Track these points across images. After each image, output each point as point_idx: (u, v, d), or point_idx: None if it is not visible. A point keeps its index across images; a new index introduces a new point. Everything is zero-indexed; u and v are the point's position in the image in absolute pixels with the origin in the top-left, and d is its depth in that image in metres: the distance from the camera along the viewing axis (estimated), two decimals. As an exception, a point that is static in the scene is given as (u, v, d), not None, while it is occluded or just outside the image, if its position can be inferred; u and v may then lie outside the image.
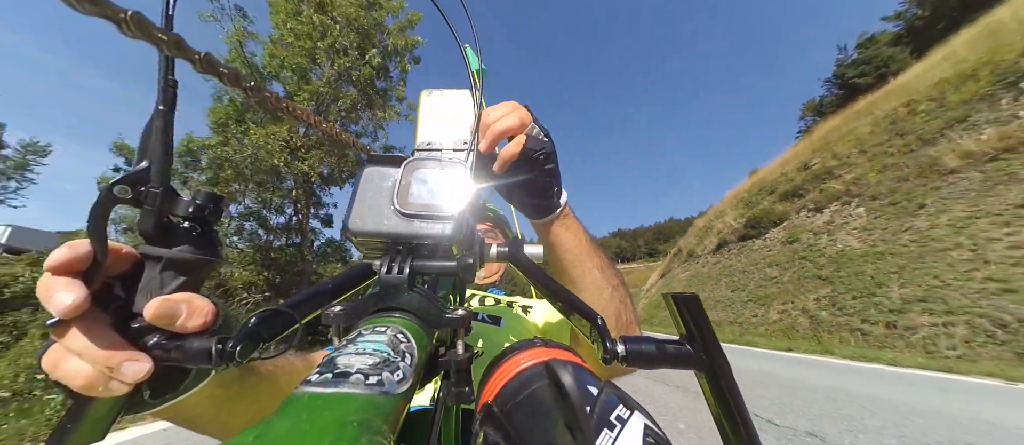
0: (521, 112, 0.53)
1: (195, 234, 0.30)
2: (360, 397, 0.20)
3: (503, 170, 0.53)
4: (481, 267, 0.42)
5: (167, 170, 0.28)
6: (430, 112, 0.50)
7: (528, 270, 0.47)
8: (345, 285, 0.41)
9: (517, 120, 0.52)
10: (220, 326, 0.30)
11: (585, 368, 0.36)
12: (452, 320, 0.31)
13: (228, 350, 0.27)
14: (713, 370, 0.30)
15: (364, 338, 0.25)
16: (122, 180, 0.26)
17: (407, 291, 0.31)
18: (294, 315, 0.33)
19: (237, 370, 0.41)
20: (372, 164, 0.37)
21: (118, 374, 0.25)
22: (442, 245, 0.34)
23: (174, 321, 0.27)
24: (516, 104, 0.54)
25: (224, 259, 0.33)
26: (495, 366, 0.36)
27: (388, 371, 0.22)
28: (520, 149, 0.52)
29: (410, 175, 0.35)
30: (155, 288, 0.29)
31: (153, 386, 0.29)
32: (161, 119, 0.28)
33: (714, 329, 0.31)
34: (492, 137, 0.51)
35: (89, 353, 0.24)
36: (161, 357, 0.27)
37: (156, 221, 0.29)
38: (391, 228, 0.33)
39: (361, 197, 0.35)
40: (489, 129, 0.51)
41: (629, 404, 0.30)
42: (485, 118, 0.51)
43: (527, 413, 0.30)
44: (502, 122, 0.51)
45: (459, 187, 0.35)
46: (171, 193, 0.29)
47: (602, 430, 0.27)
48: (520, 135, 0.52)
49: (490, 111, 0.52)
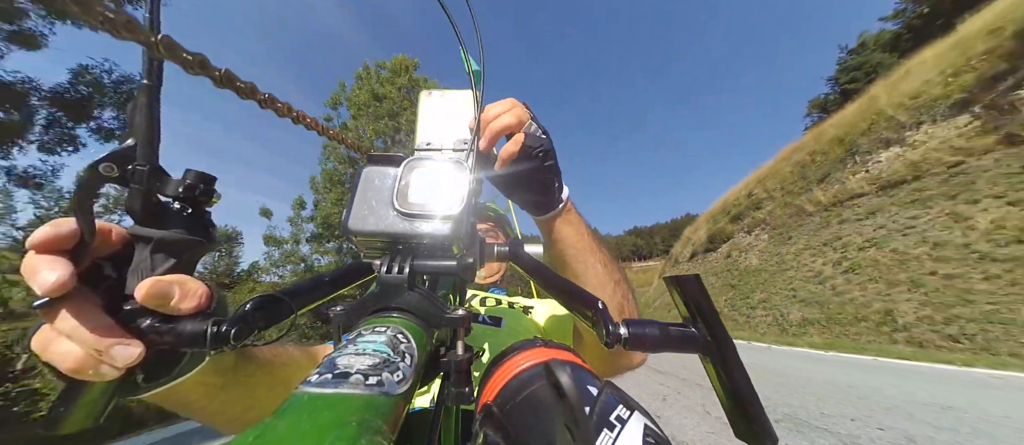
0: (519, 110, 0.54)
1: (186, 215, 0.30)
2: (360, 397, 0.20)
3: (503, 167, 0.53)
4: (481, 267, 0.42)
5: (155, 147, 0.27)
6: (430, 112, 0.50)
7: (529, 268, 0.47)
8: (343, 280, 0.41)
9: (515, 118, 0.52)
10: (215, 309, 0.30)
11: (585, 368, 0.36)
12: (452, 320, 0.31)
13: (223, 332, 0.26)
14: (718, 353, 0.29)
15: (364, 338, 0.25)
16: (108, 157, 0.25)
17: (407, 291, 0.31)
18: (291, 304, 0.33)
19: (232, 357, 0.40)
20: (372, 164, 0.37)
21: (107, 358, 0.24)
22: (442, 245, 0.34)
23: (167, 302, 0.26)
24: (514, 102, 0.55)
25: (217, 242, 0.32)
26: (495, 366, 0.36)
27: (388, 371, 0.22)
28: (519, 147, 0.52)
29: (410, 175, 0.35)
30: (146, 270, 0.28)
31: (147, 370, 0.28)
32: (145, 94, 0.26)
33: (717, 311, 0.30)
34: (491, 135, 0.51)
35: (78, 335, 0.24)
36: (154, 340, 0.26)
37: (144, 200, 0.28)
38: (391, 228, 0.33)
39: (361, 197, 0.35)
40: (488, 127, 0.51)
41: (629, 404, 0.30)
42: (484, 116, 0.52)
43: (527, 413, 0.30)
44: (500, 120, 0.52)
45: (459, 187, 0.34)
46: (159, 172, 0.28)
47: (602, 430, 0.27)
48: (518, 133, 0.53)
49: (489, 109, 0.53)
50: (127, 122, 0.27)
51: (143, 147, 0.27)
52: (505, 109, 0.53)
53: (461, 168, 0.36)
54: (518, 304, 0.96)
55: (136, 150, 0.26)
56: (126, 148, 0.26)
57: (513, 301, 0.98)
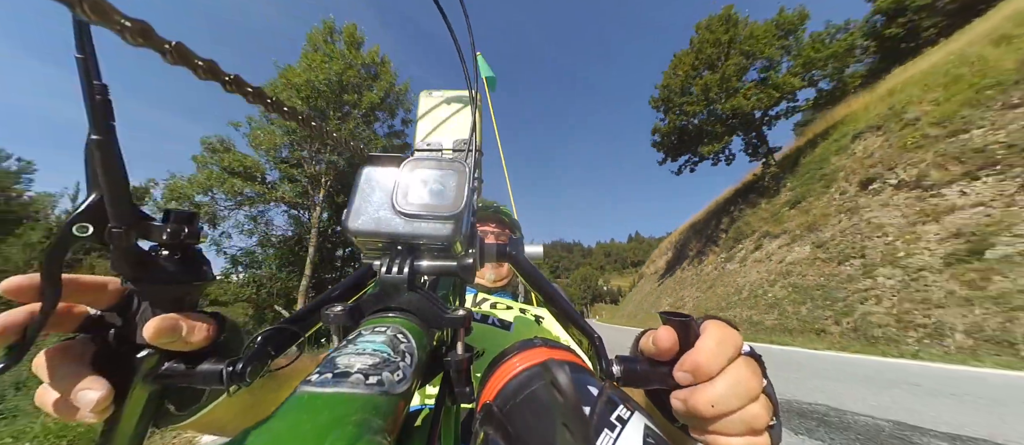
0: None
1: (177, 258, 0.28)
2: (360, 397, 0.20)
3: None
4: (481, 267, 0.42)
5: (125, 202, 0.24)
6: (430, 112, 0.50)
7: (527, 273, 0.47)
8: (350, 291, 0.41)
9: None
10: (225, 338, 0.31)
11: (585, 369, 0.36)
12: (452, 320, 0.31)
13: (239, 371, 0.27)
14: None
15: (364, 338, 0.25)
16: (79, 217, 0.23)
17: (407, 291, 0.31)
18: (298, 330, 0.33)
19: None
20: (371, 164, 0.37)
21: (76, 400, 0.25)
22: (442, 245, 0.34)
23: (177, 337, 0.27)
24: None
25: (213, 278, 0.32)
26: (495, 366, 0.36)
27: (388, 371, 0.22)
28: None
29: (410, 175, 0.35)
30: (148, 319, 0.28)
31: (177, 401, 0.30)
32: (100, 150, 0.23)
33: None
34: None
35: (54, 384, 0.26)
36: (174, 382, 0.28)
37: (127, 259, 0.26)
38: (391, 228, 0.33)
39: (361, 197, 0.35)
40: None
41: (630, 404, 0.30)
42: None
43: (527, 413, 0.30)
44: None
45: (459, 187, 0.34)
46: (139, 223, 0.26)
47: (602, 430, 0.27)
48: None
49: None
50: (88, 175, 0.24)
51: (113, 206, 0.24)
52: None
53: (461, 168, 0.35)
54: (529, 311, 0.94)
55: (106, 207, 0.24)
56: (94, 203, 0.24)
57: (524, 308, 0.97)
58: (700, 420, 0.28)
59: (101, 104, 0.22)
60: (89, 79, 0.22)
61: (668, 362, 0.31)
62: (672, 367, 0.30)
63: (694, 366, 0.28)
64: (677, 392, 0.29)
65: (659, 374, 0.31)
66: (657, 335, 0.30)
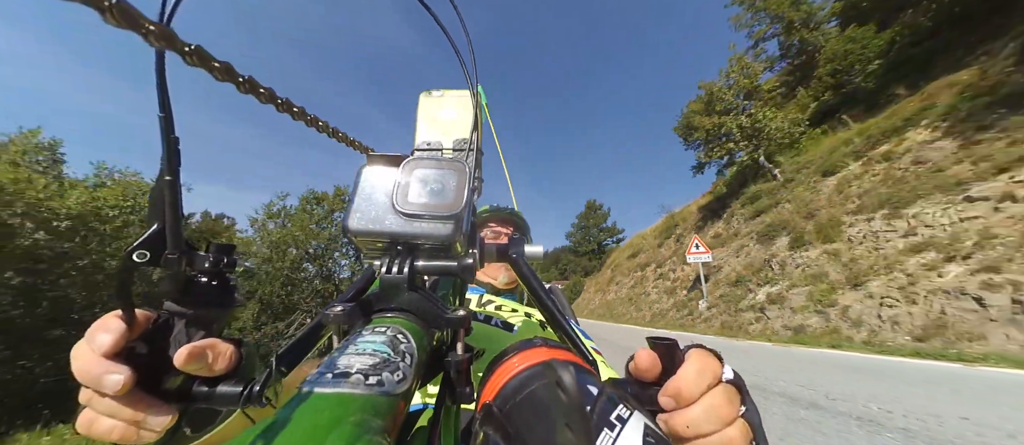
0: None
1: (214, 285, 0.32)
2: (360, 397, 0.20)
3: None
4: (482, 267, 0.42)
5: (180, 233, 0.29)
6: (429, 112, 0.50)
7: (525, 276, 0.47)
8: (353, 297, 0.41)
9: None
10: (243, 363, 0.32)
11: (585, 368, 0.36)
12: (452, 320, 0.31)
13: (255, 394, 0.28)
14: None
15: (364, 338, 0.25)
16: (140, 244, 0.28)
17: (407, 291, 0.31)
18: (307, 344, 0.36)
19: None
20: (371, 164, 0.37)
21: (146, 426, 0.28)
22: (442, 245, 0.34)
23: (204, 364, 0.29)
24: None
25: (242, 304, 0.35)
26: (495, 366, 0.36)
27: (388, 371, 0.22)
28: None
29: (409, 175, 0.35)
30: (183, 340, 0.30)
31: (192, 423, 0.31)
32: (169, 189, 0.28)
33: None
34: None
35: (119, 413, 0.27)
36: (197, 402, 0.29)
37: (177, 282, 0.30)
38: (390, 228, 0.33)
39: (360, 197, 0.35)
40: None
41: (629, 404, 0.30)
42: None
43: (527, 413, 0.30)
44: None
45: (458, 187, 0.34)
46: (188, 253, 0.30)
47: (602, 430, 0.27)
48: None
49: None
50: (151, 208, 0.29)
51: (172, 236, 0.29)
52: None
53: (461, 168, 0.35)
54: (535, 316, 0.93)
55: (164, 237, 0.29)
56: (154, 234, 0.28)
57: (530, 312, 0.96)
58: (679, 441, 0.31)
59: (174, 153, 0.28)
60: (168, 132, 0.27)
61: (655, 385, 0.32)
62: (658, 391, 0.32)
63: (676, 392, 0.31)
64: (661, 415, 0.32)
65: (647, 397, 0.32)
66: (638, 357, 0.33)
